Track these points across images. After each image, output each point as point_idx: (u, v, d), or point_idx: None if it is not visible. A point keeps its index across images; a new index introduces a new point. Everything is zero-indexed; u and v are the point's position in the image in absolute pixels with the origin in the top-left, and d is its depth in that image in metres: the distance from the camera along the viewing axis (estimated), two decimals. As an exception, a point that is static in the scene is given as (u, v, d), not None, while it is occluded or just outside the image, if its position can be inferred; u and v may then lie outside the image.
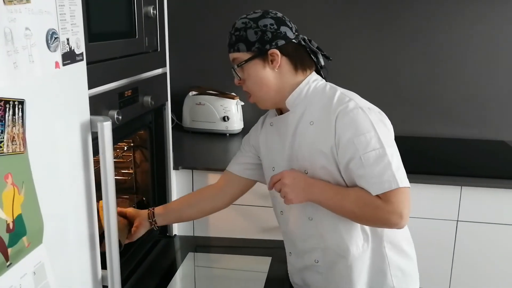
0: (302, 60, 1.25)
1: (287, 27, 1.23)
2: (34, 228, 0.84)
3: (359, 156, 1.14)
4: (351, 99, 1.20)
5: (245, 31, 1.22)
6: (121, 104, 1.37)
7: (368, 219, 1.18)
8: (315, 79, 1.27)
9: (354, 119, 1.16)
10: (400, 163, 1.16)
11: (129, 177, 1.85)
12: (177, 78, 2.08)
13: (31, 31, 0.80)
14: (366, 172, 1.14)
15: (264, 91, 1.26)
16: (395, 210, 1.11)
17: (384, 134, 1.16)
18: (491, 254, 1.92)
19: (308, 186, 1.21)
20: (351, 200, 1.17)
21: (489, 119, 2.40)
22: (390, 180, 1.12)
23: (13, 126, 0.76)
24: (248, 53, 1.23)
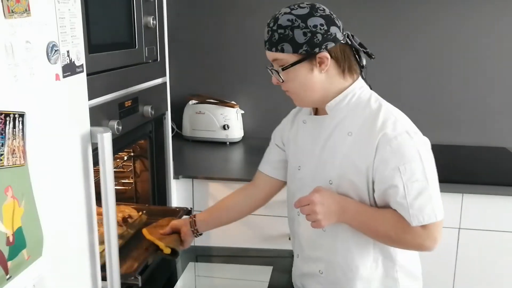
0: (350, 63, 1.18)
1: (336, 26, 1.14)
2: (34, 241, 0.83)
3: (402, 185, 1.11)
4: (397, 120, 1.14)
5: (292, 30, 1.12)
6: (121, 115, 1.38)
7: (403, 243, 1.17)
8: (361, 87, 1.21)
9: (401, 145, 1.11)
10: (439, 193, 1.14)
11: (129, 186, 1.84)
12: (177, 87, 2.09)
13: (31, 44, 0.80)
14: (407, 202, 1.11)
15: (308, 94, 1.19)
16: (431, 237, 1.13)
17: (429, 164, 1.13)
18: (493, 261, 1.91)
19: (340, 211, 1.16)
20: (388, 225, 1.15)
21: (490, 126, 2.40)
22: (430, 214, 1.11)
23: (14, 139, 0.76)
24: (294, 55, 1.13)
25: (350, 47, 1.18)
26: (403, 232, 1.13)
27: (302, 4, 1.15)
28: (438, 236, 1.13)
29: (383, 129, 1.13)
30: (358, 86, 1.20)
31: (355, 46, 1.19)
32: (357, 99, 1.19)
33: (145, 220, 1.56)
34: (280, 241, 1.98)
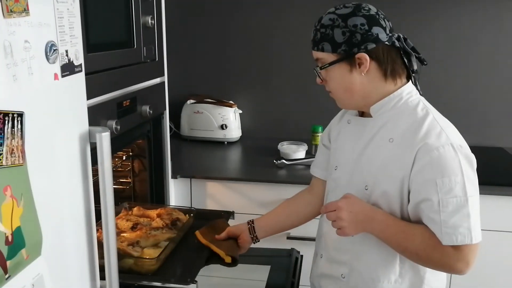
0: (393, 66, 1.13)
1: (380, 27, 1.10)
2: (33, 240, 0.83)
3: (438, 199, 1.05)
4: (442, 131, 1.09)
5: (332, 29, 1.10)
6: (119, 114, 1.38)
7: (432, 262, 1.12)
8: (409, 92, 1.16)
9: (442, 156, 1.06)
10: (478, 215, 1.08)
11: (127, 186, 1.85)
12: (175, 87, 2.09)
13: (30, 44, 0.80)
14: (441, 219, 1.05)
15: (348, 95, 1.16)
16: (463, 259, 1.07)
17: (471, 181, 1.07)
18: (490, 261, 1.92)
19: (368, 221, 1.12)
20: (417, 242, 1.09)
21: (488, 126, 2.41)
22: (465, 234, 1.05)
23: (12, 138, 0.76)
24: (333, 54, 1.12)
25: (397, 50, 1.14)
26: (433, 251, 1.08)
27: (348, 4, 1.13)
28: (471, 260, 1.07)
29: (425, 139, 1.08)
30: (406, 91, 1.15)
31: (405, 49, 1.14)
32: (403, 105, 1.15)
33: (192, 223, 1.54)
34: (278, 240, 1.98)
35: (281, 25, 2.46)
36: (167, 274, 1.29)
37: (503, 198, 1.85)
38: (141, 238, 1.39)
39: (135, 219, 1.54)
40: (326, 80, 1.18)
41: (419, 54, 1.17)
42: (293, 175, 2.01)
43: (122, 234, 1.42)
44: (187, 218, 1.56)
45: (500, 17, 2.30)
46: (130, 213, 1.60)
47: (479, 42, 2.34)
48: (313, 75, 1.25)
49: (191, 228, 1.53)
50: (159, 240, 1.40)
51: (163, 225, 1.48)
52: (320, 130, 2.32)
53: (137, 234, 1.41)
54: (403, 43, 1.14)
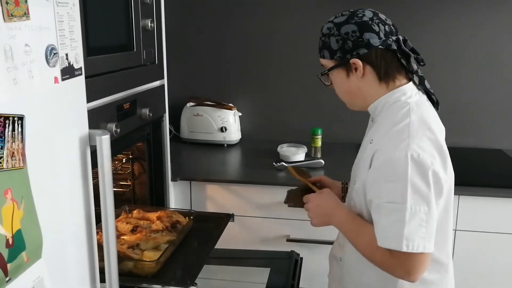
0: (387, 68, 1.15)
1: (372, 32, 1.13)
2: (33, 243, 0.84)
3: (378, 202, 1.09)
4: (407, 138, 1.08)
5: (329, 38, 1.17)
6: (119, 117, 1.38)
7: (376, 263, 1.14)
8: (397, 96, 1.16)
9: (392, 162, 1.07)
10: (421, 226, 1.05)
11: (127, 188, 1.85)
12: (174, 89, 2.10)
13: (30, 47, 0.81)
14: (380, 221, 1.09)
15: (348, 98, 1.23)
16: (401, 266, 1.08)
17: (416, 190, 1.05)
18: (489, 263, 1.93)
19: (328, 216, 1.24)
20: (363, 242, 1.15)
21: (486, 128, 2.42)
22: (395, 240, 1.06)
23: (13, 141, 0.77)
24: (331, 61, 1.18)
25: (393, 53, 1.15)
26: (375, 252, 1.11)
27: (345, 12, 1.18)
28: (411, 270, 1.07)
29: (386, 142, 1.11)
30: (395, 94, 1.17)
31: (405, 51, 1.16)
32: (390, 107, 1.17)
33: (192, 226, 1.55)
34: (278, 243, 1.98)
35: (281, 28, 2.47)
36: (167, 277, 1.29)
37: (503, 200, 1.86)
38: (141, 240, 1.39)
39: (135, 221, 1.54)
40: (329, 85, 1.26)
41: (418, 55, 1.19)
42: (292, 177, 2.02)
43: (122, 237, 1.43)
44: (187, 220, 1.56)
45: (499, 18, 2.31)
46: (130, 215, 1.60)
47: (478, 44, 2.35)
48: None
49: (191, 230, 1.53)
50: (159, 243, 1.40)
51: (163, 227, 1.49)
52: (319, 133, 2.32)
53: (137, 236, 1.42)
54: (402, 45, 1.16)
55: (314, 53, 1.48)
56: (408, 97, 1.17)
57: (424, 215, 1.06)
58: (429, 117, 1.16)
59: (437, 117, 1.22)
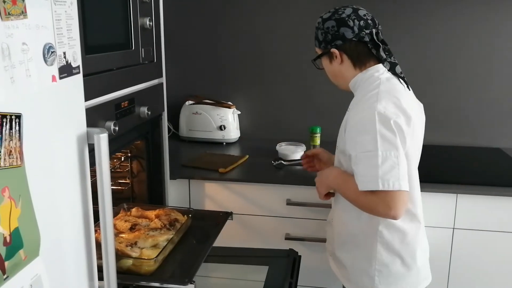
0: (359, 56, 1.41)
1: (347, 27, 1.38)
2: (31, 241, 0.84)
3: (355, 154, 1.30)
4: (375, 101, 1.31)
5: (317, 30, 1.44)
6: (117, 115, 1.38)
7: (363, 206, 1.34)
8: (371, 73, 1.40)
9: (362, 118, 1.31)
10: (394, 167, 1.26)
11: (126, 187, 1.85)
12: (173, 88, 2.10)
13: (28, 46, 0.81)
14: (357, 170, 1.30)
15: (335, 80, 1.49)
16: (383, 202, 1.27)
17: (384, 138, 1.27)
18: (488, 261, 1.93)
19: (326, 176, 1.48)
20: (350, 191, 1.35)
21: (484, 127, 2.42)
22: (373, 182, 1.26)
23: (10, 140, 0.77)
24: (319, 49, 1.46)
25: (364, 44, 1.40)
26: (359, 196, 1.31)
27: (331, 9, 1.43)
28: (392, 205, 1.25)
29: (358, 107, 1.35)
30: (368, 72, 1.41)
31: (375, 42, 1.40)
32: (365, 83, 1.40)
33: (191, 224, 1.56)
34: (276, 241, 1.99)
35: (280, 27, 2.47)
36: (165, 275, 1.29)
37: (501, 199, 1.86)
38: (140, 238, 1.40)
39: (133, 219, 1.54)
40: (321, 69, 1.51)
41: (387, 45, 1.43)
42: (291, 175, 2.02)
43: (121, 235, 1.43)
44: (186, 218, 1.57)
45: (496, 16, 2.31)
46: (129, 213, 1.61)
47: (476, 43, 2.35)
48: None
49: (189, 228, 1.54)
50: (158, 241, 1.40)
51: (161, 225, 1.49)
52: (318, 131, 2.32)
53: (135, 234, 1.42)
54: (375, 37, 1.39)
55: (312, 52, 1.49)
56: (381, 73, 1.40)
57: (395, 158, 1.27)
58: (396, 90, 1.37)
59: (407, 94, 1.41)
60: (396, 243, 1.40)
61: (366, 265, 1.42)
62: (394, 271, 1.41)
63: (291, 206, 1.96)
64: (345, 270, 1.49)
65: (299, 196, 1.95)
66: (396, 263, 1.41)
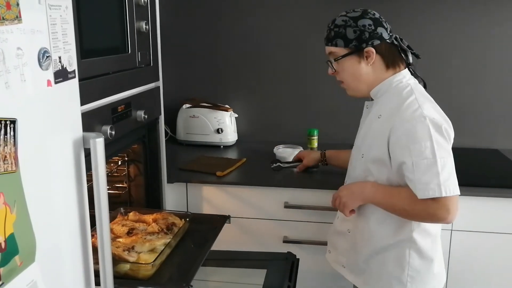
0: (393, 58, 1.40)
1: (383, 28, 1.37)
2: (27, 247, 0.83)
3: (412, 162, 1.28)
4: (419, 107, 1.31)
5: (345, 28, 1.37)
6: (114, 119, 1.38)
7: (418, 214, 1.32)
8: (399, 78, 1.40)
9: (414, 127, 1.29)
10: (451, 173, 1.28)
11: (123, 191, 1.85)
12: (170, 91, 2.09)
13: (22, 51, 0.81)
14: (416, 178, 1.28)
15: (356, 83, 1.42)
16: (442, 206, 1.27)
17: (440, 145, 1.28)
18: (486, 263, 1.93)
19: (361, 189, 1.41)
20: (402, 198, 1.32)
21: (482, 128, 2.42)
22: (435, 189, 1.26)
23: (5, 145, 0.76)
24: (345, 49, 1.38)
25: (396, 47, 1.40)
26: (416, 203, 1.29)
27: (356, 9, 1.41)
28: (451, 208, 1.27)
29: (402, 114, 1.31)
30: (397, 78, 1.40)
31: (402, 46, 1.40)
32: (394, 88, 1.39)
33: (188, 228, 1.56)
34: (274, 244, 1.98)
35: (276, 29, 2.47)
36: (163, 279, 1.29)
37: (499, 200, 1.86)
38: (137, 243, 1.39)
39: (130, 224, 1.54)
40: (337, 71, 1.44)
41: (413, 51, 1.43)
42: (289, 178, 2.02)
43: (118, 239, 1.42)
44: (183, 222, 1.56)
45: (494, 18, 2.31)
46: (126, 218, 1.60)
47: (474, 43, 2.35)
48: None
49: (187, 232, 1.53)
50: (155, 245, 1.40)
51: (159, 230, 1.48)
52: (315, 134, 2.32)
53: (132, 239, 1.41)
54: (400, 42, 1.41)
55: (310, 54, 1.50)
56: (408, 79, 1.41)
57: (451, 166, 1.29)
58: (428, 95, 1.41)
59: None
60: (429, 248, 1.41)
61: (399, 272, 1.41)
62: (426, 275, 1.42)
63: (289, 209, 1.95)
64: (370, 279, 1.47)
65: (297, 199, 1.95)
66: (428, 268, 1.42)
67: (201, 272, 1.51)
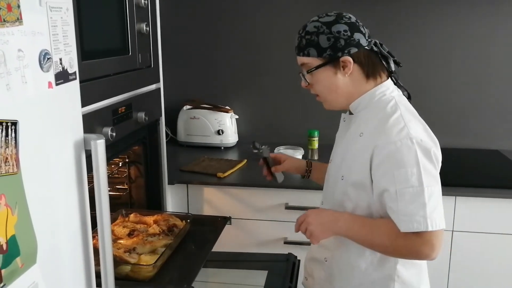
0: (374, 67, 1.23)
1: (360, 33, 1.20)
2: (28, 249, 0.83)
3: (395, 190, 1.12)
4: (405, 126, 1.15)
5: (317, 36, 1.19)
6: (115, 121, 1.38)
7: (399, 251, 1.17)
8: (383, 91, 1.23)
9: (399, 150, 1.12)
10: (438, 204, 1.14)
11: (124, 192, 1.85)
12: (171, 93, 2.09)
13: (23, 53, 0.80)
14: (399, 208, 1.12)
15: (333, 96, 1.26)
16: (427, 242, 1.12)
17: (427, 172, 1.13)
18: (487, 263, 1.93)
19: (335, 220, 1.21)
20: (381, 233, 1.17)
21: (482, 129, 2.42)
22: (420, 221, 1.11)
23: (6, 147, 0.76)
24: (319, 59, 1.21)
25: (376, 54, 1.23)
26: (397, 238, 1.14)
27: (330, 13, 1.23)
28: (436, 244, 1.12)
29: (386, 133, 1.15)
30: (380, 90, 1.23)
31: (382, 53, 1.23)
32: (376, 102, 1.23)
33: (189, 229, 1.55)
34: (275, 245, 1.98)
35: (276, 30, 2.47)
36: (164, 281, 1.29)
37: (500, 201, 1.86)
38: (138, 244, 1.39)
39: (131, 225, 1.54)
40: (311, 84, 1.27)
41: (394, 57, 1.26)
42: (289, 179, 2.01)
43: (119, 241, 1.42)
44: (184, 224, 1.56)
45: (494, 18, 2.31)
46: (127, 219, 1.60)
47: (474, 45, 2.36)
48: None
49: (188, 234, 1.53)
50: (156, 247, 1.40)
51: (160, 231, 1.48)
52: (316, 135, 2.32)
53: (133, 240, 1.41)
54: (380, 48, 1.24)
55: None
56: (391, 91, 1.24)
57: (438, 195, 1.14)
58: (411, 108, 1.25)
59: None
60: (414, 281, 1.26)
61: None
62: None
63: (289, 210, 1.95)
64: None
65: (297, 200, 1.95)
66: None
67: (202, 273, 1.51)
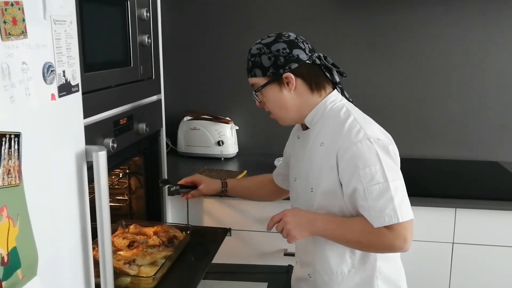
0: (317, 80, 1.30)
1: (299, 49, 1.27)
2: (29, 261, 0.83)
3: (363, 188, 1.19)
4: (361, 128, 1.23)
5: (260, 56, 1.28)
6: (116, 132, 1.39)
7: (374, 246, 1.24)
8: (333, 100, 1.31)
9: (360, 150, 1.20)
10: (404, 196, 1.21)
11: (124, 203, 1.85)
12: (171, 104, 2.10)
13: (27, 65, 0.81)
14: (369, 205, 1.19)
15: (284, 111, 1.33)
16: (399, 236, 1.19)
17: (390, 167, 1.20)
18: (487, 276, 1.92)
19: (311, 221, 1.27)
20: (356, 230, 1.23)
21: (482, 140, 2.42)
22: (391, 215, 1.18)
23: (9, 159, 0.77)
24: (264, 78, 1.29)
25: (318, 66, 1.30)
26: (371, 234, 1.20)
27: (271, 34, 1.31)
28: (407, 236, 1.19)
29: (345, 138, 1.23)
30: (330, 100, 1.31)
31: (326, 65, 1.31)
32: (329, 112, 1.30)
33: (189, 241, 1.55)
34: (275, 257, 1.97)
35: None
36: (164, 292, 1.28)
37: (500, 213, 1.86)
38: (138, 256, 1.39)
39: (131, 237, 1.53)
40: (263, 102, 1.34)
41: (338, 69, 1.34)
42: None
43: (119, 252, 1.42)
44: (184, 235, 1.56)
45: (493, 30, 2.33)
46: (127, 230, 1.60)
47: (472, 55, 2.37)
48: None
49: (187, 245, 1.53)
50: (156, 258, 1.40)
51: (159, 242, 1.48)
52: (316, 146, 2.32)
53: (133, 252, 1.41)
54: (324, 60, 1.31)
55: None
56: (340, 100, 1.33)
57: (402, 188, 1.21)
58: (361, 112, 1.33)
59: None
60: (393, 274, 1.33)
61: None
62: None
63: (290, 221, 1.95)
64: None
65: (297, 211, 1.94)
66: None
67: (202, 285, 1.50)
